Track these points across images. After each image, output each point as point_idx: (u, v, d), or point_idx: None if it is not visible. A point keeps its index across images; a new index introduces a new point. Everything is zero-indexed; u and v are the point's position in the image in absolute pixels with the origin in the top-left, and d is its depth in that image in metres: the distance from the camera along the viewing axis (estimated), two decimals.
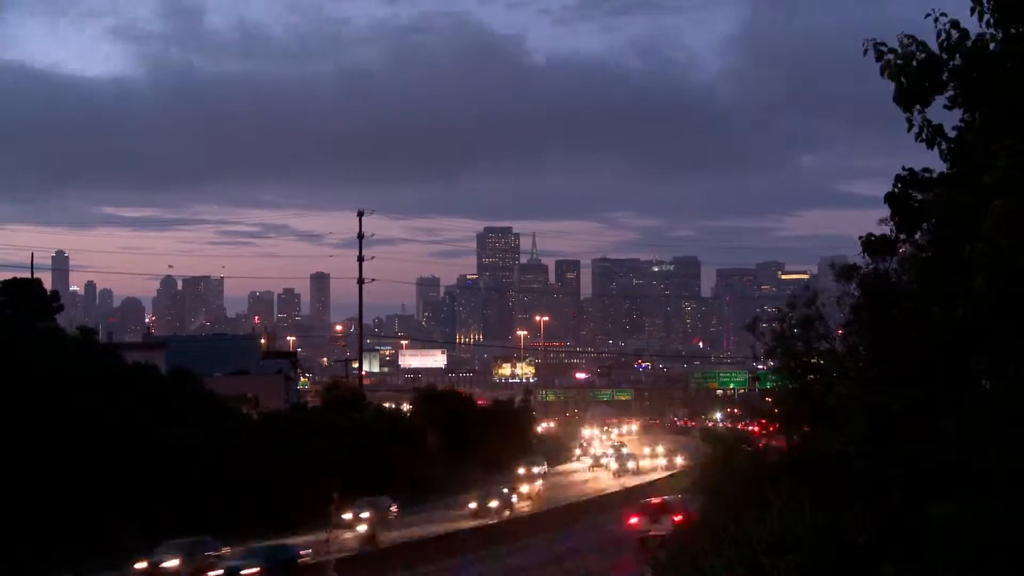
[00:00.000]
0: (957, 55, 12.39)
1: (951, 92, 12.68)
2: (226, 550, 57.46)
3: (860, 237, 14.78)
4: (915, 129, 12.73)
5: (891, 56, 12.65)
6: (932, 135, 12.75)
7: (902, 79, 12.58)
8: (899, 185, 13.52)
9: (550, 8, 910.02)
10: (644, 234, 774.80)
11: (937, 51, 12.48)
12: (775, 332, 21.95)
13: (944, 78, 12.55)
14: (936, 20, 12.36)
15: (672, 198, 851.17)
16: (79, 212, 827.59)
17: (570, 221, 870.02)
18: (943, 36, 12.41)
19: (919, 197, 13.53)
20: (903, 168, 13.62)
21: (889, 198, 13.67)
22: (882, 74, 12.72)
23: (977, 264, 10.88)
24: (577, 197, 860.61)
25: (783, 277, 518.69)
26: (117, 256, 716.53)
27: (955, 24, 12.37)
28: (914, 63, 12.50)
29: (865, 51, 12.76)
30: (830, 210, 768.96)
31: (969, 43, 12.32)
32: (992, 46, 12.32)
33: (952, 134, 12.90)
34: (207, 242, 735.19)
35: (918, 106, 12.66)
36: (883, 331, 15.84)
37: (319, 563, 55.00)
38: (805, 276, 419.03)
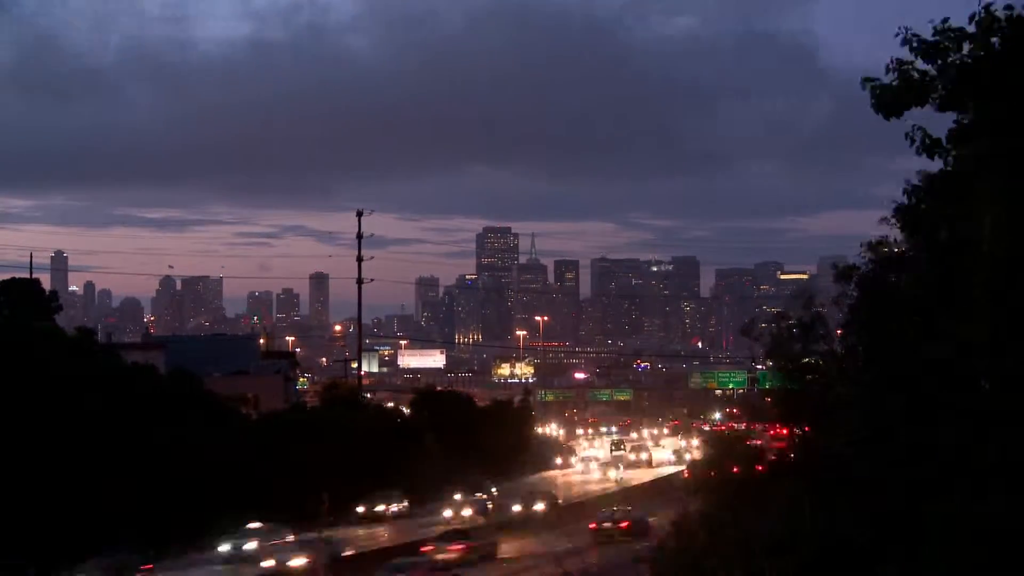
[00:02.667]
0: (940, 70, 12.58)
1: (937, 102, 12.89)
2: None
3: (861, 244, 14.87)
4: (916, 144, 12.88)
5: (879, 91, 12.95)
6: (931, 147, 12.87)
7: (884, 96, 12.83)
8: (907, 196, 13.67)
9: None
10: (658, 234, 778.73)
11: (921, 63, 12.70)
12: (772, 335, 21.94)
13: (931, 88, 12.75)
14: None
15: (687, 198, 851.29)
16: (96, 212, 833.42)
17: (583, 222, 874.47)
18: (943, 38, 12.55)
19: (923, 207, 13.64)
20: (907, 182, 13.79)
21: (898, 210, 13.82)
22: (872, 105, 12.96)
23: (977, 271, 10.92)
24: (591, 197, 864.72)
25: (782, 277, 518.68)
26: (126, 257, 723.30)
27: (946, 23, 12.51)
28: (892, 84, 12.74)
29: (864, 87, 12.98)
30: (850, 211, 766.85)
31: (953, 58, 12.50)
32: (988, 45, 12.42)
33: (945, 139, 13.04)
34: (222, 243, 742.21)
35: (905, 115, 12.89)
36: (882, 332, 15.85)
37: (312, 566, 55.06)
38: (804, 276, 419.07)
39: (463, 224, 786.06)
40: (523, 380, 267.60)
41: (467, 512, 77.43)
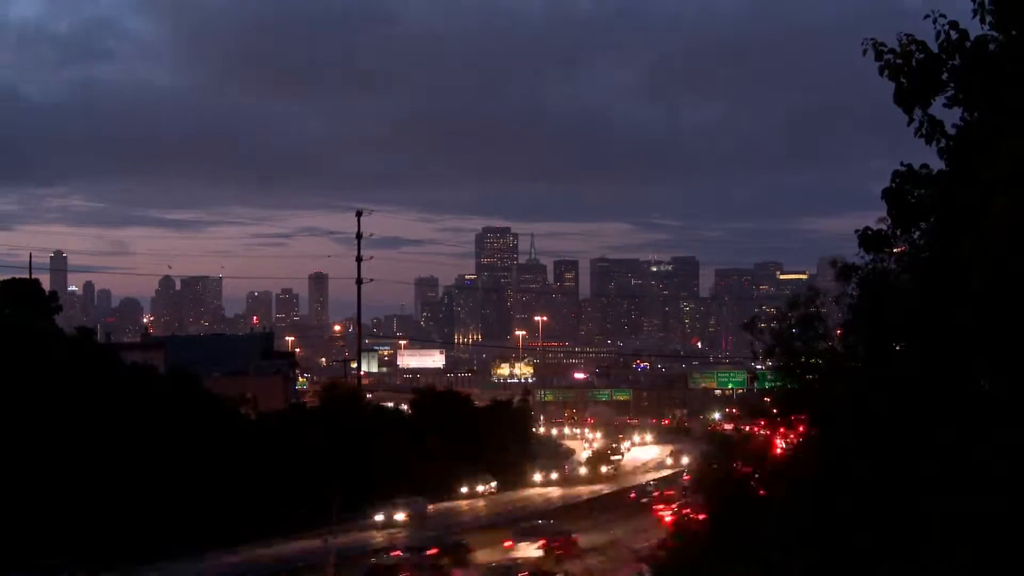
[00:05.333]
0: (956, 55, 12.42)
1: (950, 92, 12.70)
2: None
3: (856, 231, 14.73)
4: (915, 124, 12.73)
5: (890, 56, 12.66)
6: (931, 131, 12.74)
7: (901, 79, 12.59)
8: (897, 181, 13.47)
9: None
10: (673, 235, 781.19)
11: (936, 51, 12.52)
12: (774, 331, 21.90)
13: (944, 78, 12.57)
14: (935, 21, 12.40)
15: (706, 198, 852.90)
16: (115, 213, 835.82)
17: (601, 223, 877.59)
18: (942, 37, 12.45)
19: (917, 194, 13.49)
20: (901, 164, 13.57)
21: (886, 194, 13.61)
22: (881, 74, 12.73)
23: (976, 261, 10.87)
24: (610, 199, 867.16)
25: (781, 277, 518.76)
26: (136, 258, 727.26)
27: (954, 25, 12.39)
28: (913, 63, 12.51)
29: (864, 51, 12.76)
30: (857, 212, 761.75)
31: (968, 44, 12.35)
32: (992, 47, 12.35)
33: (952, 131, 12.90)
34: (238, 243, 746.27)
35: (918, 106, 12.68)
36: (881, 330, 15.82)
37: (319, 563, 55.03)
38: (803, 276, 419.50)
39: (476, 224, 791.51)
40: (522, 380, 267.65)
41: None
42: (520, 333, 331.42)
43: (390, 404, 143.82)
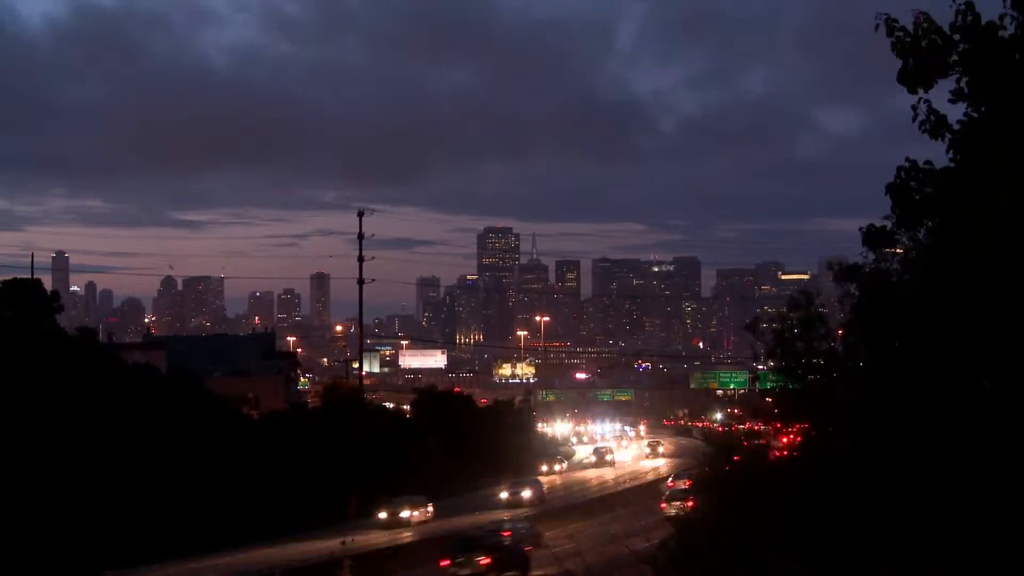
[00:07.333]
0: (967, 39, 12.31)
1: (956, 79, 12.59)
2: None
3: (860, 228, 14.65)
4: (920, 117, 12.63)
5: (901, 34, 12.50)
6: (936, 125, 12.65)
7: (909, 59, 12.47)
8: (902, 176, 13.35)
9: None
10: (687, 235, 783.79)
11: (948, 32, 12.41)
12: (775, 331, 21.87)
13: (952, 61, 12.45)
14: (954, 1, 12.29)
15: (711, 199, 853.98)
16: (125, 214, 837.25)
17: (616, 223, 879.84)
18: (957, 18, 12.34)
19: (921, 191, 13.38)
20: (906, 159, 13.45)
21: (891, 189, 13.49)
22: (893, 51, 12.59)
23: (980, 261, 10.84)
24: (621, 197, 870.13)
25: (783, 277, 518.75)
26: (146, 259, 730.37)
27: (970, 7, 12.29)
28: (923, 44, 12.38)
29: (876, 26, 12.62)
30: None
31: (981, 26, 12.25)
32: (1011, 29, 12.21)
33: (956, 127, 12.79)
34: (254, 244, 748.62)
35: (921, 90, 12.57)
36: (883, 330, 15.81)
37: (336, 562, 54.96)
38: (805, 276, 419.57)
39: (486, 224, 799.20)
40: (524, 380, 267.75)
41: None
42: (522, 333, 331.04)
43: (391, 404, 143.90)
